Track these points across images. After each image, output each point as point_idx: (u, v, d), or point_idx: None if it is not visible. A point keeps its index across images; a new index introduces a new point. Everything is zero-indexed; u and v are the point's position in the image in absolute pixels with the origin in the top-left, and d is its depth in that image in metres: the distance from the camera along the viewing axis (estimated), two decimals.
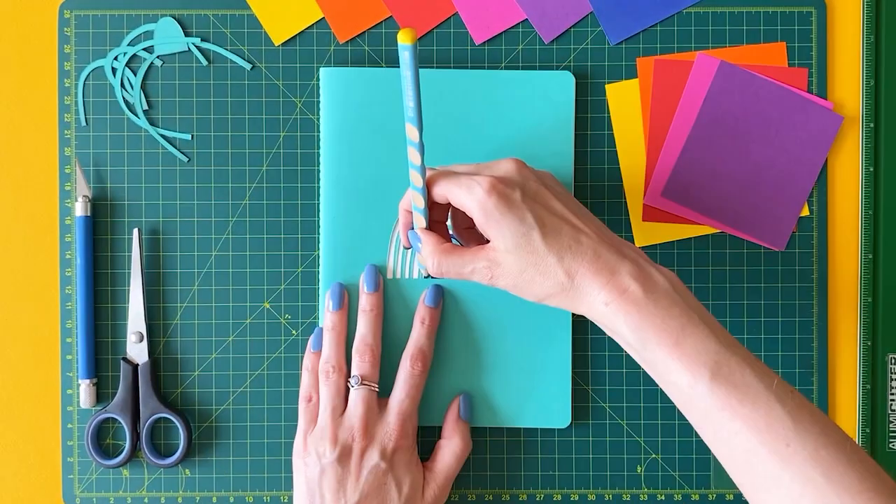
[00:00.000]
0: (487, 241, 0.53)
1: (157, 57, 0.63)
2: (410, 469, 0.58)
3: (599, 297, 0.49)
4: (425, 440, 0.62)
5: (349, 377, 0.59)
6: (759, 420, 0.46)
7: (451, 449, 0.60)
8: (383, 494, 0.56)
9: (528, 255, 0.50)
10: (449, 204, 0.54)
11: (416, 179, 0.52)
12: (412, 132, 0.49)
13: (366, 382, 0.58)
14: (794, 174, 0.63)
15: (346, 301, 0.61)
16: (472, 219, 0.56)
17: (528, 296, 0.52)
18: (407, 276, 0.62)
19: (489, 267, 0.51)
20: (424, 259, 0.54)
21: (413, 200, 0.53)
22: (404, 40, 0.44)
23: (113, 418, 0.62)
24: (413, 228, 0.55)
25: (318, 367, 0.60)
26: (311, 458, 0.57)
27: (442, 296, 0.61)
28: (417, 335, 0.60)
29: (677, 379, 0.48)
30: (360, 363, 0.58)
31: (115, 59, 0.63)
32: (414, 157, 0.51)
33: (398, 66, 0.63)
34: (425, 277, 0.60)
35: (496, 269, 0.51)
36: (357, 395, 0.58)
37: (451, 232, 0.58)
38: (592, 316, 0.50)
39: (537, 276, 0.50)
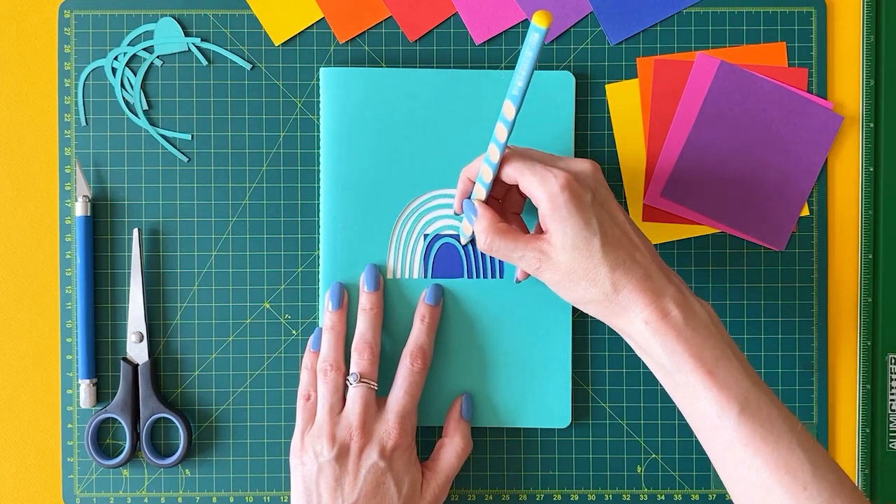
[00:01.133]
0: (526, 229, 0.54)
1: (157, 57, 0.63)
2: (410, 468, 0.57)
3: (641, 316, 0.50)
4: (426, 440, 0.62)
5: (348, 376, 0.59)
6: (779, 460, 0.47)
7: (452, 448, 0.60)
8: (382, 493, 0.56)
9: (582, 259, 0.50)
10: (511, 186, 0.54)
11: (494, 154, 0.52)
12: (509, 109, 0.50)
13: (364, 380, 0.58)
14: (794, 174, 0.63)
15: (346, 301, 0.61)
16: (523, 204, 0.57)
17: (567, 296, 0.52)
18: (407, 276, 0.62)
19: (539, 258, 0.52)
20: (477, 233, 0.54)
21: (481, 172, 0.54)
22: (540, 23, 0.44)
23: (113, 418, 0.62)
24: (470, 198, 0.56)
25: (316, 366, 0.60)
26: (308, 456, 0.57)
27: (442, 294, 0.61)
28: (417, 332, 0.60)
29: (706, 407, 0.49)
30: (359, 361, 0.58)
31: (115, 59, 0.63)
32: (500, 133, 0.51)
33: (398, 66, 0.63)
34: (463, 245, 0.61)
35: (546, 262, 0.52)
36: (355, 393, 0.58)
37: None
38: (627, 331, 0.51)
39: (584, 281, 0.51)
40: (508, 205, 0.58)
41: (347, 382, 0.58)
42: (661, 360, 0.50)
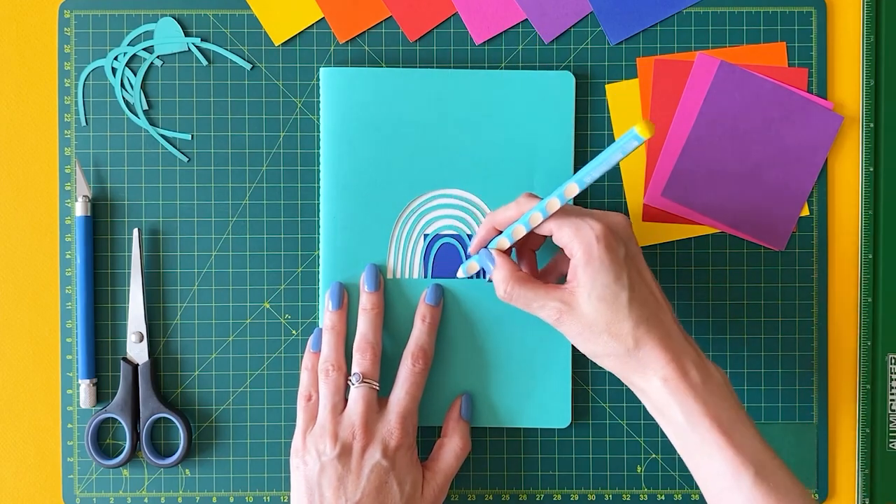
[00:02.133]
0: (536, 269, 0.56)
1: (157, 57, 0.63)
2: (411, 468, 0.58)
3: (660, 373, 0.51)
4: (425, 440, 0.62)
5: (349, 376, 0.59)
6: None
7: (451, 448, 0.60)
8: (385, 493, 0.56)
9: (608, 312, 0.51)
10: (539, 236, 0.56)
11: (535, 221, 0.53)
12: (571, 190, 0.52)
13: (366, 380, 0.58)
14: (794, 174, 0.63)
15: (346, 300, 0.61)
16: (540, 244, 0.58)
17: (585, 348, 0.53)
18: (407, 276, 0.62)
19: (560, 309, 0.52)
20: (497, 282, 0.55)
21: (513, 230, 0.55)
22: (642, 133, 0.47)
23: (113, 418, 0.62)
24: (487, 247, 0.56)
25: (317, 366, 0.60)
26: (310, 456, 0.57)
27: (442, 294, 0.61)
28: (418, 333, 0.60)
29: (721, 468, 0.50)
30: (361, 361, 0.58)
31: (115, 59, 0.63)
32: (552, 206, 0.52)
33: (398, 66, 0.63)
34: (460, 277, 0.61)
35: (567, 312, 0.52)
36: (357, 393, 0.58)
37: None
38: (643, 388, 0.52)
39: (605, 334, 0.51)
40: (529, 244, 0.58)
41: (349, 383, 0.58)
42: (676, 419, 0.50)
